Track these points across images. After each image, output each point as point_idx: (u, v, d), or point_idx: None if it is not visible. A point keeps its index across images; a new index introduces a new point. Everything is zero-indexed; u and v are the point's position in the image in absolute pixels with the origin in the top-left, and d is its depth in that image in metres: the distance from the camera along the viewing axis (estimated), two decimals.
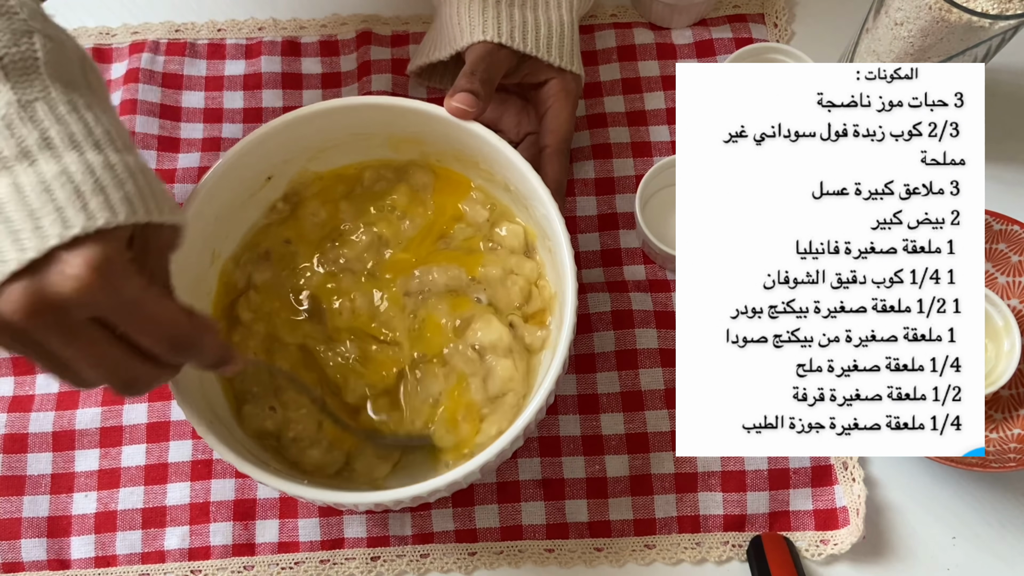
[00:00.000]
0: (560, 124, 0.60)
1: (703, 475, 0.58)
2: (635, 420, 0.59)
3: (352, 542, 0.58)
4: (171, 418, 0.60)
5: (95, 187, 0.37)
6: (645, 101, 0.68)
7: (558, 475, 0.58)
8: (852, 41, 0.64)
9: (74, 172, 0.37)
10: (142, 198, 0.38)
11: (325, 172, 0.60)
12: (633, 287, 0.63)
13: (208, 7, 0.72)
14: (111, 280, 0.36)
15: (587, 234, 0.65)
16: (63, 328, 0.36)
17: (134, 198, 0.38)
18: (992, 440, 0.58)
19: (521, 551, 0.58)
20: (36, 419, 0.60)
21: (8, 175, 0.36)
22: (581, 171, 0.66)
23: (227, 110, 0.68)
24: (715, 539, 0.57)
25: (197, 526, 0.58)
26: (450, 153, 0.58)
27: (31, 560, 0.57)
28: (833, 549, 0.57)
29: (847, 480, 0.58)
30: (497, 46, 0.58)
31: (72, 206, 0.36)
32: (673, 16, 0.69)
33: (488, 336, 0.56)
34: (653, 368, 0.60)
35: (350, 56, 0.70)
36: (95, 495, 0.59)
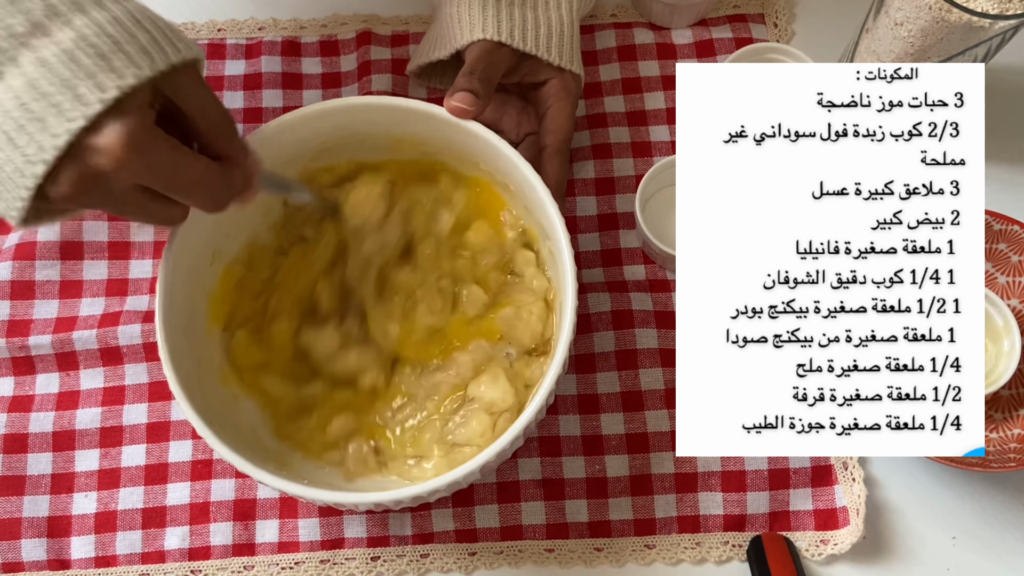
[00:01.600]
0: (560, 124, 0.60)
1: (703, 475, 0.58)
2: (635, 420, 0.59)
3: (352, 542, 0.58)
4: (171, 418, 0.60)
5: (113, 45, 0.38)
6: (645, 101, 0.68)
7: (558, 475, 0.58)
8: (852, 41, 0.64)
9: (89, 34, 0.38)
10: (157, 44, 0.39)
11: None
12: (633, 287, 0.63)
13: (208, 7, 0.72)
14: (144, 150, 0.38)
15: (587, 234, 0.65)
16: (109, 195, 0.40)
17: (150, 47, 0.39)
18: (992, 440, 0.58)
19: (521, 551, 0.58)
20: (36, 419, 0.60)
21: (29, 51, 0.37)
22: (581, 171, 0.66)
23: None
24: (715, 539, 0.57)
25: (197, 526, 0.58)
26: (450, 153, 0.58)
27: (31, 560, 0.57)
28: (833, 549, 0.57)
29: (847, 480, 0.58)
30: (497, 45, 0.58)
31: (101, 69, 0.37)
32: (673, 16, 0.69)
33: (491, 393, 0.55)
34: (653, 368, 0.60)
35: (350, 56, 0.70)
36: (95, 495, 0.59)
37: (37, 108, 0.37)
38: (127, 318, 0.61)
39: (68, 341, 0.61)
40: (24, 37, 0.37)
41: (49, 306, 0.63)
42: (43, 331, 0.62)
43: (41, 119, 0.37)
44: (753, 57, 0.65)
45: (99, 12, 0.38)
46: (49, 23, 0.37)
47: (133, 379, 0.61)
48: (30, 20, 0.37)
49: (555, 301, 0.58)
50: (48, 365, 0.61)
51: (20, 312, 0.62)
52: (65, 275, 0.64)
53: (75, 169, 0.38)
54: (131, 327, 0.61)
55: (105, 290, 0.63)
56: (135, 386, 0.61)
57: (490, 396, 0.55)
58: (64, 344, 0.61)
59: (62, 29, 0.37)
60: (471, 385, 0.56)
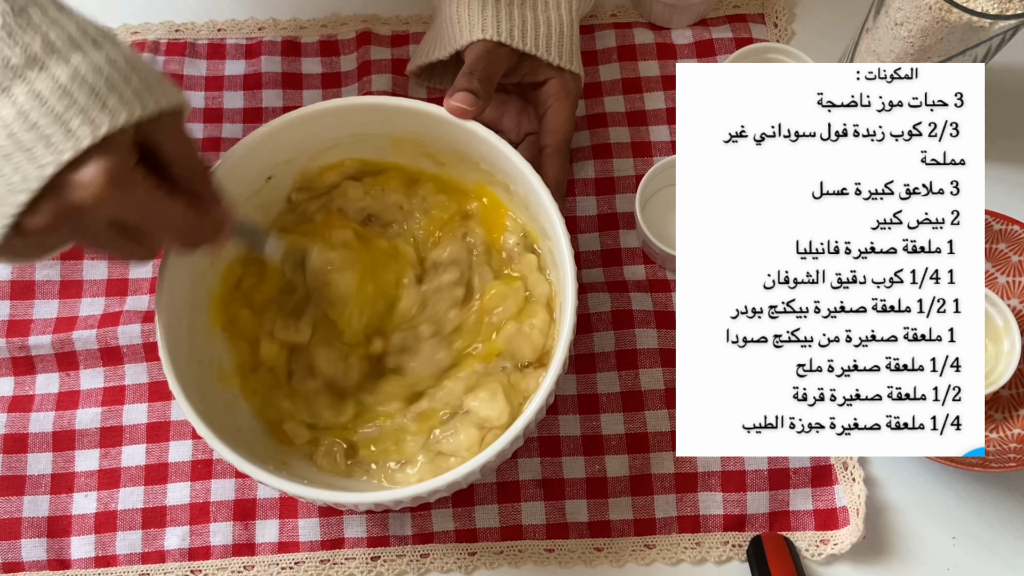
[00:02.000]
0: (560, 124, 0.60)
1: (703, 475, 0.58)
2: (635, 420, 0.59)
3: (352, 542, 0.58)
4: (171, 418, 0.60)
5: (108, 85, 0.38)
6: (645, 101, 0.68)
7: (558, 475, 0.58)
8: (852, 41, 0.64)
9: (86, 72, 0.38)
10: (149, 88, 0.40)
11: None
12: (633, 287, 0.63)
13: (208, 7, 0.72)
14: (124, 189, 0.39)
15: (587, 234, 0.65)
16: (87, 230, 0.40)
17: (143, 91, 0.39)
18: (992, 440, 0.58)
19: (521, 551, 0.58)
20: (36, 419, 0.60)
21: (23, 83, 0.37)
22: (581, 171, 0.66)
23: (227, 110, 0.68)
24: (715, 539, 0.57)
25: (197, 526, 0.58)
26: (450, 153, 0.58)
27: (31, 560, 0.57)
28: (833, 549, 0.57)
29: (847, 480, 0.58)
30: (496, 45, 0.58)
31: (95, 106, 0.38)
32: (673, 16, 0.69)
33: (486, 410, 0.54)
34: (653, 368, 0.60)
35: (350, 56, 0.70)
36: (95, 495, 0.59)
37: (26, 139, 0.37)
38: (127, 318, 0.61)
39: (68, 341, 0.61)
40: (20, 69, 0.37)
41: (49, 306, 0.63)
42: (43, 331, 0.62)
43: (29, 150, 0.37)
44: (753, 57, 0.65)
45: (96, 53, 0.39)
46: (46, 58, 0.38)
47: (133, 379, 0.61)
48: (27, 54, 0.38)
49: (555, 302, 0.58)
50: (48, 365, 0.61)
51: (20, 312, 0.62)
52: (65, 275, 0.64)
53: (56, 201, 0.38)
54: (131, 327, 0.61)
55: (105, 290, 0.63)
56: (135, 386, 0.61)
57: (485, 412, 0.54)
58: (64, 344, 0.61)
59: (58, 65, 0.38)
60: (468, 397, 0.55)
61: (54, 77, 0.38)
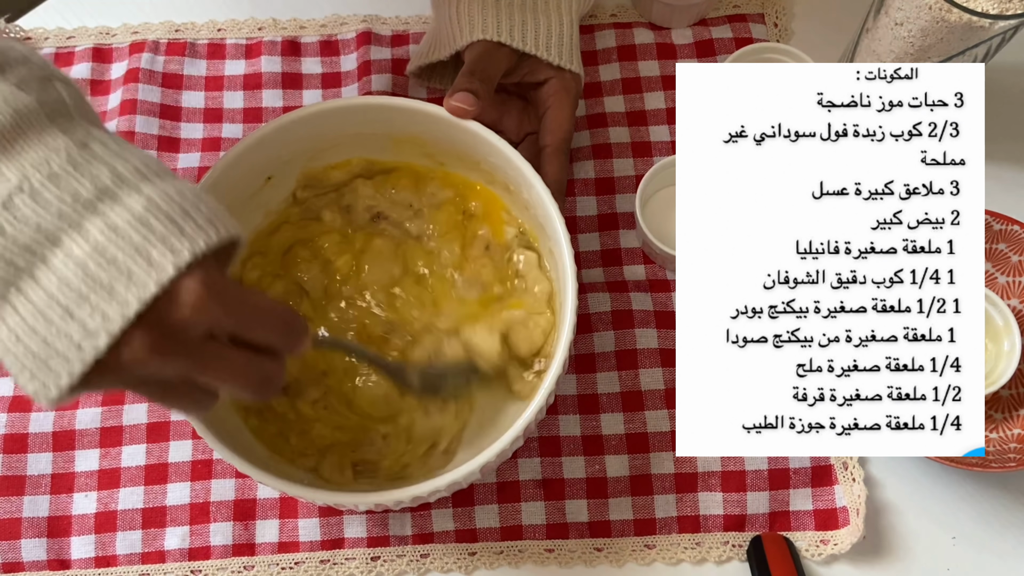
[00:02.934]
0: (560, 123, 0.60)
1: (703, 475, 0.58)
2: (635, 420, 0.59)
3: (352, 542, 0.58)
4: (171, 418, 0.60)
5: (183, 213, 0.37)
6: (645, 101, 0.68)
7: (558, 475, 0.58)
8: (852, 41, 0.64)
9: (159, 202, 0.36)
10: (218, 216, 0.38)
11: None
12: (633, 287, 0.63)
13: (208, 7, 0.72)
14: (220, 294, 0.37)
15: (587, 234, 0.65)
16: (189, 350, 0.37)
17: (213, 218, 0.38)
18: (992, 440, 0.58)
19: (521, 551, 0.58)
20: (36, 419, 0.60)
21: (97, 217, 0.35)
22: (581, 171, 0.66)
23: (227, 110, 0.68)
24: (715, 539, 0.57)
25: (197, 526, 0.58)
26: (450, 153, 0.58)
27: (31, 560, 0.57)
28: (833, 549, 0.57)
29: (847, 480, 0.58)
30: (496, 45, 0.58)
31: (173, 234, 0.36)
32: (673, 16, 0.69)
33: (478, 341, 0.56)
34: (653, 368, 0.60)
35: (350, 56, 0.70)
36: (95, 495, 0.59)
37: (104, 276, 0.35)
38: None
39: None
40: (91, 203, 0.36)
41: None
42: None
43: (108, 287, 0.35)
44: (753, 57, 0.65)
45: (164, 183, 0.37)
46: (118, 189, 0.36)
47: None
48: (97, 186, 0.36)
49: (555, 301, 0.58)
50: None
51: None
52: None
53: (149, 330, 0.36)
54: None
55: None
56: None
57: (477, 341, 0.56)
58: None
59: (131, 195, 0.36)
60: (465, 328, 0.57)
61: (130, 208, 0.36)
